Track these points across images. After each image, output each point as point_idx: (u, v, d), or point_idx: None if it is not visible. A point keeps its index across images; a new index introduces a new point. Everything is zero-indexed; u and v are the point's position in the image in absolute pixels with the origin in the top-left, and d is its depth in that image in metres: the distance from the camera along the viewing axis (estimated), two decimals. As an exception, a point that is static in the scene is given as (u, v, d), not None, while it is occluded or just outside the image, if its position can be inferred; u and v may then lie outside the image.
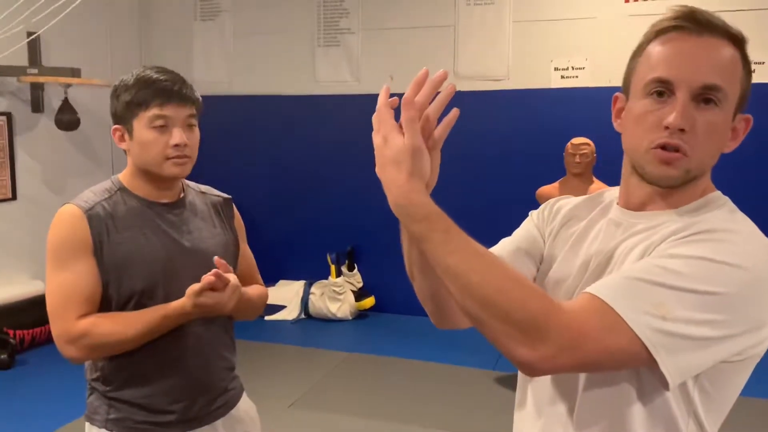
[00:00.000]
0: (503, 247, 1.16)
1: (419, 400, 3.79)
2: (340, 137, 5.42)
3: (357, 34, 5.48)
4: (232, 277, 1.53)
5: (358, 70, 5.49)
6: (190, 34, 5.88)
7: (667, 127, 0.92)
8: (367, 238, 5.41)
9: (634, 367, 0.89)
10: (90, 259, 1.50)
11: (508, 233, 1.24)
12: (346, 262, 5.48)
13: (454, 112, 0.92)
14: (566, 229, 1.11)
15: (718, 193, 1.01)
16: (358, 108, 5.50)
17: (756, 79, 4.20)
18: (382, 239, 4.69)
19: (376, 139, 0.90)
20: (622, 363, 0.88)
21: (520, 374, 1.08)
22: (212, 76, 5.80)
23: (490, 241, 1.27)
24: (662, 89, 0.93)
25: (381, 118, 0.91)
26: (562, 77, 4.98)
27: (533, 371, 0.87)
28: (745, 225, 0.94)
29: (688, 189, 0.98)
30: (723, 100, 0.93)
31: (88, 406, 1.61)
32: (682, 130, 0.92)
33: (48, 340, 4.49)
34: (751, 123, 1.01)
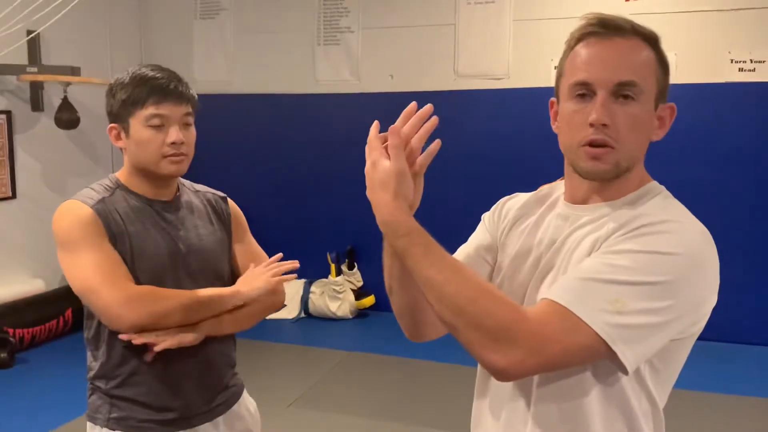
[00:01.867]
0: (460, 253, 1.24)
1: (419, 399, 3.79)
2: (340, 136, 5.41)
3: (357, 33, 5.47)
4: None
5: (359, 69, 5.49)
6: (190, 32, 5.87)
7: (591, 125, 1.01)
8: (367, 237, 5.40)
9: (596, 360, 0.97)
10: (110, 246, 1.49)
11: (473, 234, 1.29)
12: (346, 261, 5.48)
13: (436, 144, 1.02)
14: (517, 226, 1.19)
15: (654, 183, 1.10)
16: (359, 107, 5.55)
17: (757, 78, 4.20)
18: (381, 239, 4.68)
19: (367, 164, 1.01)
20: (585, 359, 0.97)
21: (480, 367, 1.14)
22: (212, 74, 5.79)
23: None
24: (584, 91, 1.03)
25: (371, 146, 1.01)
26: (563, 76, 4.98)
27: (505, 376, 0.96)
28: (679, 213, 1.03)
29: (623, 181, 1.06)
30: (639, 94, 1.01)
31: (89, 406, 1.61)
32: (605, 126, 1.01)
33: (48, 338, 4.50)
34: (675, 111, 1.08)
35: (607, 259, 0.96)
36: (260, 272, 1.63)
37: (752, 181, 4.59)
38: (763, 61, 4.51)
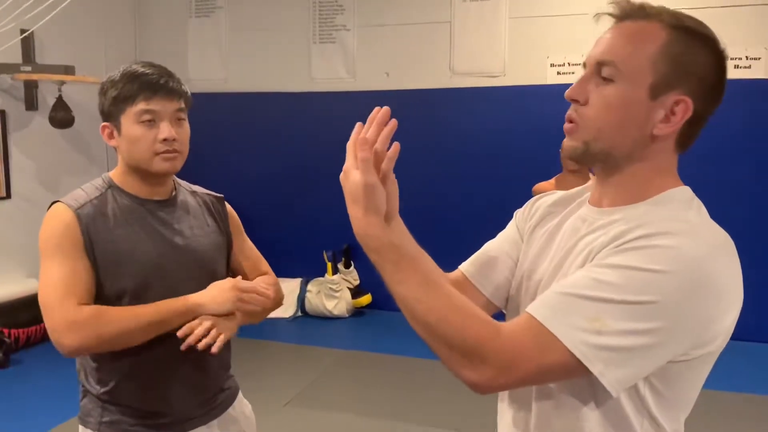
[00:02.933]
0: (485, 251, 1.22)
1: (416, 397, 3.79)
2: (335, 134, 5.35)
3: (353, 30, 5.46)
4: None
5: (354, 66, 5.48)
6: (185, 30, 5.85)
7: (566, 99, 1.01)
8: (363, 236, 5.40)
9: (577, 378, 0.92)
10: (83, 255, 1.48)
11: (504, 228, 1.26)
12: (343, 259, 5.47)
13: (395, 147, 0.97)
14: (542, 225, 1.15)
15: (679, 189, 1.01)
16: (354, 105, 5.53)
17: (752, 75, 4.21)
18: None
19: (341, 174, 0.98)
20: (562, 377, 0.93)
21: None
22: (207, 73, 5.77)
23: (486, 237, 1.27)
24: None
25: (347, 154, 0.98)
26: (558, 73, 4.98)
27: (479, 390, 0.92)
28: (687, 225, 0.94)
29: (629, 179, 1.01)
30: (617, 75, 0.97)
31: (81, 409, 1.59)
32: (575, 101, 0.99)
33: (43, 339, 4.48)
34: (690, 107, 0.98)
35: (593, 273, 0.91)
36: (230, 289, 1.56)
37: (747, 177, 4.60)
38: (759, 58, 4.52)
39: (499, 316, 1.09)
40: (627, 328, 0.86)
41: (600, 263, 0.92)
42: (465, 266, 1.21)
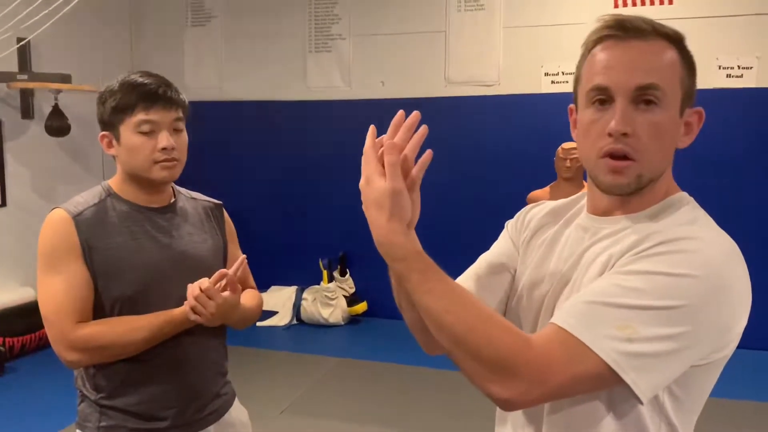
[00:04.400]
0: (481, 264, 1.19)
1: (412, 405, 3.79)
2: (331, 142, 5.42)
3: (348, 39, 5.49)
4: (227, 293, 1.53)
5: (350, 75, 5.50)
6: (181, 39, 5.87)
7: (610, 134, 0.94)
8: (359, 244, 5.40)
9: (608, 389, 0.91)
10: (80, 263, 1.49)
11: (498, 236, 1.25)
12: (338, 267, 5.48)
13: (428, 154, 0.94)
14: (538, 236, 1.14)
15: (681, 194, 1.02)
16: (350, 113, 5.56)
17: (744, 84, 4.24)
18: (374, 245, 4.69)
19: (361, 180, 0.93)
20: (595, 387, 0.91)
21: None
22: (203, 81, 5.79)
23: (481, 244, 1.28)
24: (603, 97, 0.96)
25: (366, 160, 0.93)
26: (553, 82, 5.01)
27: (509, 407, 0.90)
28: (703, 229, 0.95)
29: (647, 193, 0.99)
30: (662, 99, 0.94)
31: (79, 414, 1.60)
32: (625, 135, 0.94)
33: (38, 347, 4.47)
34: (703, 116, 1.01)
35: (618, 279, 0.89)
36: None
37: (739, 186, 4.63)
38: (750, 68, 4.56)
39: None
40: (657, 333, 0.86)
41: (622, 270, 0.91)
42: (462, 280, 1.19)
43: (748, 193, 4.63)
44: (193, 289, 1.49)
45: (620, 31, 0.96)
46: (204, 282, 1.50)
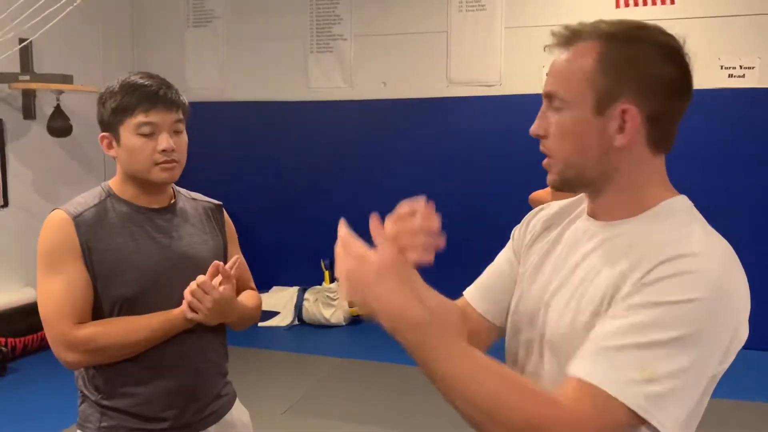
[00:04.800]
0: (488, 275, 1.22)
1: (413, 406, 3.78)
2: (333, 143, 5.42)
3: (350, 40, 5.49)
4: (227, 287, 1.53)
5: (351, 76, 5.50)
6: (183, 40, 5.87)
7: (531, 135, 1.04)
8: (360, 244, 5.41)
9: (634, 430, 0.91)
10: (80, 264, 1.49)
11: (501, 239, 1.27)
12: (340, 267, 5.47)
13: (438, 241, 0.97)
14: (542, 238, 1.15)
15: (674, 199, 1.01)
16: (351, 114, 5.56)
17: (746, 84, 4.23)
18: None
19: (347, 262, 0.90)
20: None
21: None
22: (205, 82, 5.79)
23: (484, 245, 1.28)
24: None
25: (347, 243, 0.92)
26: (554, 83, 5.01)
27: None
28: (700, 241, 0.93)
29: (614, 193, 1.00)
30: (563, 103, 0.99)
31: (79, 414, 1.60)
32: (540, 136, 1.04)
33: (40, 347, 4.47)
34: (635, 112, 0.95)
35: (625, 318, 0.89)
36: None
37: (742, 186, 4.63)
38: (752, 67, 4.56)
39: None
40: (675, 368, 0.86)
41: (629, 304, 0.90)
42: (468, 293, 1.22)
43: (750, 193, 4.62)
44: (189, 286, 1.50)
45: (555, 39, 1.03)
46: (200, 278, 1.50)
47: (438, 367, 0.88)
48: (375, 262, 0.88)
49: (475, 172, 5.19)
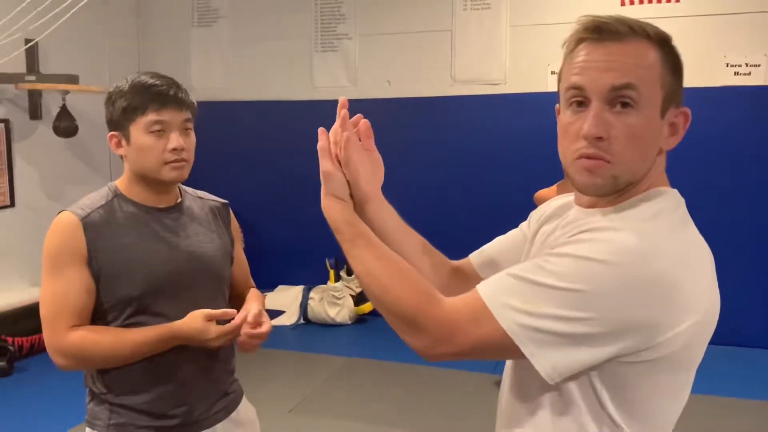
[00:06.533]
0: (495, 245, 1.27)
1: (419, 405, 3.79)
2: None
3: (354, 39, 5.49)
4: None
5: (356, 75, 5.50)
6: (188, 40, 5.89)
7: (585, 138, 0.94)
8: (365, 243, 5.41)
9: (513, 358, 0.99)
10: (83, 269, 1.50)
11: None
12: (345, 266, 5.47)
13: (347, 134, 1.17)
14: (544, 226, 1.16)
15: (657, 190, 0.99)
16: (356, 113, 5.53)
17: (752, 81, 4.22)
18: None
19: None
20: (497, 354, 0.95)
21: None
22: (210, 82, 5.80)
23: (487, 241, 1.29)
24: (581, 98, 0.96)
25: (320, 156, 1.18)
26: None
27: (423, 357, 0.97)
28: (652, 223, 0.93)
29: (628, 191, 0.98)
30: (639, 99, 0.93)
31: (88, 412, 1.61)
32: (599, 139, 0.93)
33: (47, 347, 4.49)
34: (689, 116, 0.99)
35: (540, 260, 0.92)
36: (208, 325, 1.54)
37: (748, 184, 4.61)
38: (759, 65, 4.54)
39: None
40: (557, 313, 0.88)
41: (549, 252, 0.94)
42: (474, 255, 1.27)
43: (756, 191, 4.61)
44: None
45: (596, 33, 0.96)
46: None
47: (351, 263, 1.03)
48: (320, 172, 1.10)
49: (480, 170, 5.19)
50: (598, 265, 0.87)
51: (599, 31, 0.95)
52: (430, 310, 0.94)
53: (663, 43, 0.96)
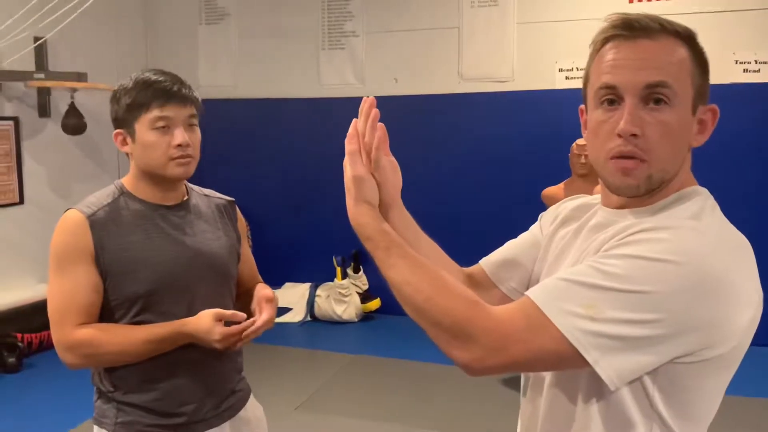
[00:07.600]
0: (507, 248, 1.22)
1: (425, 402, 3.79)
2: (344, 140, 5.41)
3: (361, 37, 5.48)
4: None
5: (363, 72, 5.50)
6: (195, 38, 5.90)
7: (620, 135, 0.93)
8: (372, 241, 5.41)
9: (572, 368, 0.90)
10: (90, 266, 1.51)
11: (513, 234, 1.28)
12: (352, 264, 5.48)
13: (379, 134, 1.05)
14: (564, 227, 1.14)
15: (692, 188, 0.99)
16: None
17: (762, 78, 4.18)
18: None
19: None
20: (554, 364, 0.91)
21: None
22: (217, 79, 5.81)
23: (495, 240, 1.29)
24: (612, 97, 0.94)
25: (348, 161, 1.06)
26: (567, 78, 4.98)
27: (469, 371, 0.92)
28: (701, 222, 0.92)
29: (661, 191, 0.97)
30: (672, 97, 0.92)
31: (96, 410, 1.62)
32: (634, 136, 0.92)
33: (55, 343, 4.52)
34: (717, 113, 1.00)
35: (594, 262, 0.89)
36: (215, 325, 1.52)
37: (757, 181, 4.59)
38: (768, 62, 4.51)
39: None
40: (621, 317, 0.84)
41: (603, 254, 0.90)
42: (485, 261, 1.22)
43: (764, 188, 4.58)
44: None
45: (627, 30, 0.94)
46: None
47: (386, 274, 0.97)
48: (346, 178, 1.04)
49: (488, 167, 5.18)
50: (662, 265, 0.85)
51: (631, 29, 0.94)
52: (481, 320, 0.88)
53: (690, 39, 0.96)
